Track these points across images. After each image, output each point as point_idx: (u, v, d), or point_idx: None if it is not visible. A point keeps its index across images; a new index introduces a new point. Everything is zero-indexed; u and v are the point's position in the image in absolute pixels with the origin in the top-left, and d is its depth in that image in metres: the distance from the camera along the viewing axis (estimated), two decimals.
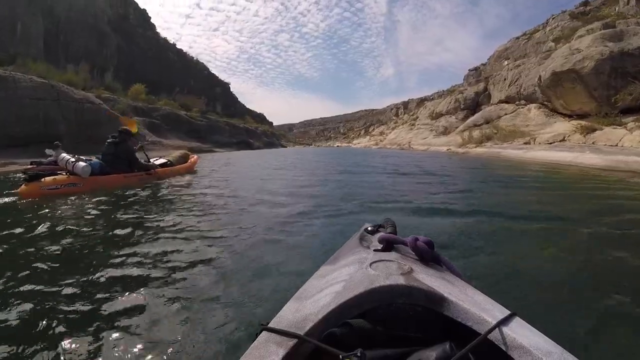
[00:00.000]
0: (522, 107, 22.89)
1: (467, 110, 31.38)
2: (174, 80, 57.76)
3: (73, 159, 5.77)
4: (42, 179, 5.28)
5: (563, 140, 15.33)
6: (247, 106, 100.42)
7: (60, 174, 5.74)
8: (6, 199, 4.95)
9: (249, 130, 57.96)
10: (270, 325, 0.74)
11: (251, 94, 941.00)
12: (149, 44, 54.87)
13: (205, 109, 54.06)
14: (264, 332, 0.71)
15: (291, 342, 0.67)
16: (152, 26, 61.86)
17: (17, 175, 8.29)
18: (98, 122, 18.85)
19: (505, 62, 36.79)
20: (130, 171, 6.64)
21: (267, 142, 61.83)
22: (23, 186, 5.11)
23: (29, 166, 9.37)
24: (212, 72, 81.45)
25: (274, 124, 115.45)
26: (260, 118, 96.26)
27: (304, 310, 0.78)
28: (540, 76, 18.43)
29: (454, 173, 9.29)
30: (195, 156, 10.00)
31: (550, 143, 15.41)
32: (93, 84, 28.93)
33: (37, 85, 16.63)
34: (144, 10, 60.14)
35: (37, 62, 23.76)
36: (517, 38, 41.11)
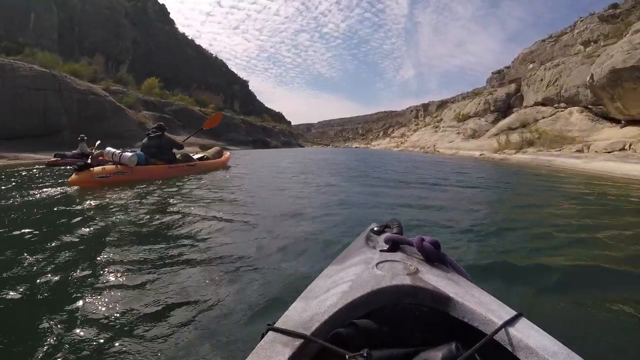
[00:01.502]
0: (561, 111, 20.65)
1: (498, 113, 29.29)
2: (191, 76, 57.24)
3: (119, 151, 6.04)
4: (91, 169, 5.52)
5: (623, 149, 13.16)
6: (266, 105, 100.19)
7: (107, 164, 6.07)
8: (64, 188, 5.14)
9: (265, 129, 56.98)
10: (277, 325, 0.73)
11: (270, 93, 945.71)
12: (166, 39, 54.36)
13: (223, 106, 53.32)
14: (270, 332, 0.70)
15: (297, 342, 0.66)
16: (171, 21, 61.63)
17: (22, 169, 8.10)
18: (102, 116, 17.79)
19: (531, 65, 34.76)
20: (173, 162, 6.97)
21: (284, 141, 60.78)
22: (74, 175, 5.30)
23: (53, 159, 8.95)
24: (232, 69, 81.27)
25: (292, 124, 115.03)
26: (278, 117, 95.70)
27: (310, 310, 0.78)
28: (592, 74, 16.19)
29: (524, 190, 6.87)
30: (228, 153, 10.50)
31: (609, 152, 13.26)
32: (106, 76, 28.07)
33: (37, 75, 15.61)
34: (163, 5, 59.87)
35: (47, 53, 22.88)
36: (543, 41, 39.04)
